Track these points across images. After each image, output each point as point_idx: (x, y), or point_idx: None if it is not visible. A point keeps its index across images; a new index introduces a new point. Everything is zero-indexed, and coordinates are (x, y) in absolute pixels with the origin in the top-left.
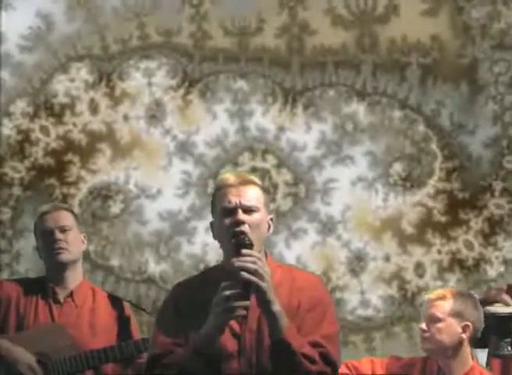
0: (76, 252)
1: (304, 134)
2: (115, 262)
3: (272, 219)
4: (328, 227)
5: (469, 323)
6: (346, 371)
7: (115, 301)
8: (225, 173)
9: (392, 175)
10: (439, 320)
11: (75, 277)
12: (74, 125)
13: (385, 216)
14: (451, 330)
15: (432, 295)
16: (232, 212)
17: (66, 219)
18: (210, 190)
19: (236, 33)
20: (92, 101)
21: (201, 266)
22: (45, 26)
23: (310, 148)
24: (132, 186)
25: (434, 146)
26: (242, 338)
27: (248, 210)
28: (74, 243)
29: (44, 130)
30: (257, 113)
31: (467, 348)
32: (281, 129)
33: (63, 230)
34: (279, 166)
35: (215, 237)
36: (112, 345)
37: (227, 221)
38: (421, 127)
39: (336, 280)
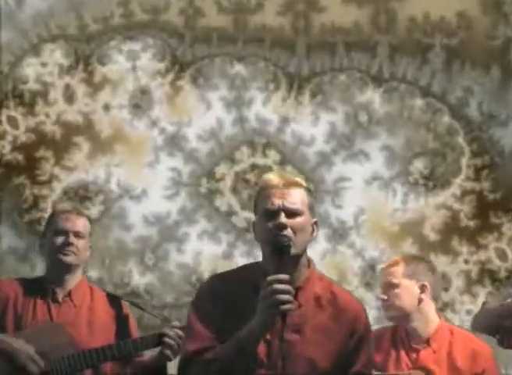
0: (82, 259)
1: (311, 126)
2: (93, 273)
3: (316, 223)
4: (339, 233)
5: (425, 283)
6: None
7: (114, 300)
8: (270, 174)
9: (412, 173)
10: (396, 286)
11: (74, 278)
12: (47, 116)
13: (404, 221)
14: (409, 292)
15: (384, 265)
16: (274, 214)
17: (84, 226)
18: (203, 190)
19: (232, 10)
20: (67, 88)
21: (193, 278)
22: (14, 2)
23: (318, 142)
24: (113, 185)
25: (460, 140)
26: (271, 344)
27: (292, 213)
28: (83, 250)
29: (13, 121)
30: (258, 102)
31: (430, 308)
32: (284, 120)
33: (78, 235)
34: (283, 162)
35: (256, 238)
36: (110, 344)
37: (270, 224)
38: (446, 118)
39: None
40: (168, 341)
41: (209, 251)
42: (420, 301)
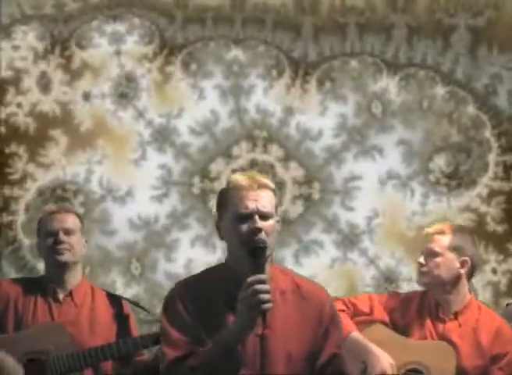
0: (78, 255)
1: (319, 118)
2: None
3: (278, 221)
4: (349, 239)
5: (467, 258)
6: (343, 307)
7: (114, 299)
8: (238, 175)
9: (432, 171)
10: (438, 255)
11: (74, 277)
12: (19, 106)
13: (423, 225)
14: (449, 264)
15: (430, 230)
16: (248, 217)
17: (72, 222)
18: (196, 190)
19: None
20: (43, 75)
21: None
22: None
23: (326, 136)
24: (95, 185)
25: (487, 133)
26: (246, 343)
27: (264, 216)
28: (77, 246)
29: None
30: (258, 91)
31: (464, 283)
32: (288, 111)
33: (68, 232)
34: (287, 159)
35: (222, 237)
36: (110, 343)
37: (244, 227)
38: (471, 109)
39: None
40: None
41: (203, 260)
42: (458, 275)
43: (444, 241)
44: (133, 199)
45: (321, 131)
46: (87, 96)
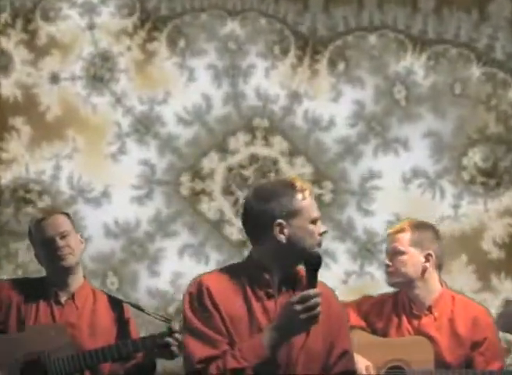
0: (78, 255)
1: (331, 105)
2: None
3: None
4: (367, 249)
5: (431, 252)
6: None
7: (116, 303)
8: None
9: (466, 168)
10: (401, 253)
11: (77, 280)
12: None
13: (455, 232)
14: (414, 260)
15: (391, 230)
16: (315, 222)
17: (64, 224)
18: (185, 191)
19: None
20: (2, 53)
21: (171, 310)
22: None
23: (339, 126)
24: (63, 184)
25: None
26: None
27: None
28: (75, 246)
29: None
30: (258, 72)
31: (433, 277)
32: (295, 96)
33: (63, 235)
34: (292, 153)
35: (287, 239)
36: (109, 345)
37: (315, 229)
38: None
39: None
40: (172, 342)
41: (193, 273)
42: (424, 269)
43: (405, 238)
44: (110, 201)
45: (333, 120)
46: (54, 78)
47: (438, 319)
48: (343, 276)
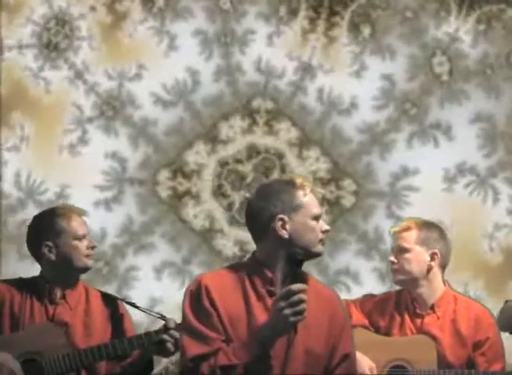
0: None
1: (353, 81)
2: None
3: None
4: None
5: (436, 251)
6: None
7: (109, 300)
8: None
9: None
10: (407, 250)
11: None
12: None
13: (510, 244)
14: (419, 258)
15: (397, 228)
16: (317, 219)
17: (86, 226)
18: (164, 192)
19: None
20: None
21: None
22: None
23: (363, 108)
24: (8, 183)
25: None
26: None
27: None
28: None
29: None
30: (259, 39)
31: (437, 276)
32: (306, 70)
33: (86, 236)
34: (303, 144)
35: (289, 234)
36: (105, 343)
37: (317, 226)
38: None
39: None
40: (167, 339)
41: (174, 299)
42: (429, 268)
43: (411, 236)
44: (73, 202)
45: (355, 101)
46: None
47: (441, 319)
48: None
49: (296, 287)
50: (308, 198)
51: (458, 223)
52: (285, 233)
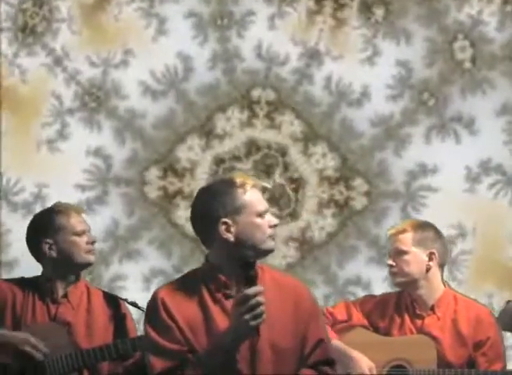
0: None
1: (365, 68)
2: None
3: None
4: None
5: (433, 250)
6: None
7: (111, 299)
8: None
9: None
10: (404, 253)
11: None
12: None
13: None
14: (417, 259)
15: (392, 231)
16: (262, 215)
17: (86, 223)
18: (153, 192)
19: None
20: None
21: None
22: None
23: (377, 99)
24: None
25: None
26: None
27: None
28: None
29: None
30: (259, 21)
31: (436, 276)
32: (312, 56)
33: (85, 232)
34: (309, 138)
35: (235, 237)
36: (107, 343)
37: (264, 223)
38: None
39: None
40: None
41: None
42: (427, 268)
43: (407, 238)
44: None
45: (367, 91)
46: None
47: (441, 319)
48: None
49: (251, 291)
50: (250, 196)
51: (481, 227)
52: (230, 237)
